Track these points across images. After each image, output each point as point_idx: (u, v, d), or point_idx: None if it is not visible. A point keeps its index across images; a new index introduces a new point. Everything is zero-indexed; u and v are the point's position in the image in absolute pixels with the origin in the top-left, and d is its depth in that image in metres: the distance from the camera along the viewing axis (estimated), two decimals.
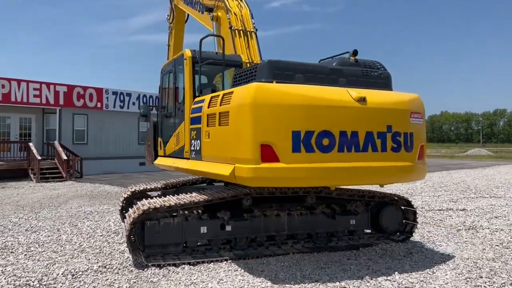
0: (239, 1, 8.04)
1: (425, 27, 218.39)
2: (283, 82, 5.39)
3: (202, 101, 6.30)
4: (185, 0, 9.36)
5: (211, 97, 6.01)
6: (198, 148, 6.27)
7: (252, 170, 5.00)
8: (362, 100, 5.40)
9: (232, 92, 5.50)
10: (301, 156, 5.08)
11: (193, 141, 6.51)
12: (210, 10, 8.18)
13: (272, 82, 5.33)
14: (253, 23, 7.80)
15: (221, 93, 5.86)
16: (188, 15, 9.88)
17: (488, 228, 8.14)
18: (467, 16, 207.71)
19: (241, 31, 7.61)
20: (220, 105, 5.62)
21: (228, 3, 7.87)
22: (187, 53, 7.00)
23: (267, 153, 5.00)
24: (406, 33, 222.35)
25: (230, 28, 7.62)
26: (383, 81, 6.14)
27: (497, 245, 6.84)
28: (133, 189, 8.04)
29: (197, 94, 6.74)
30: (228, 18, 7.72)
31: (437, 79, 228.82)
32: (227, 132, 5.42)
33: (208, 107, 5.99)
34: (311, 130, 5.12)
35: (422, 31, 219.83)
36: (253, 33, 7.71)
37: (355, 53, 6.22)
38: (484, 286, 4.94)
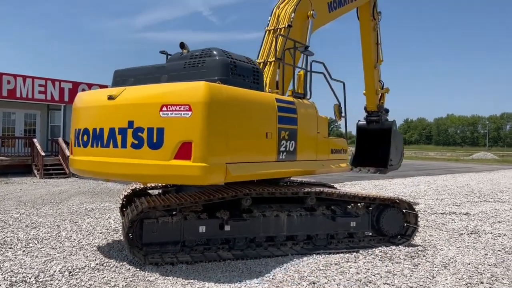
0: None
1: (433, 27, 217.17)
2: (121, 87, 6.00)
3: None
4: None
5: None
6: None
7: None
8: (111, 98, 5.60)
9: None
10: (75, 150, 6.19)
11: None
12: None
13: (115, 88, 6.01)
14: (291, 18, 7.38)
15: None
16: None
17: (491, 233, 8.05)
18: (475, 18, 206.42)
19: (271, 31, 7.50)
20: None
21: (278, 4, 7.77)
22: None
23: (71, 147, 6.36)
24: (414, 33, 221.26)
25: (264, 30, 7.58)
26: (205, 71, 5.76)
27: (500, 251, 6.76)
28: (133, 187, 8.02)
29: None
30: (268, 21, 7.65)
31: (444, 81, 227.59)
32: None
33: None
34: (79, 128, 6.10)
35: (429, 31, 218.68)
36: (283, 29, 7.36)
37: (180, 46, 6.15)
38: None
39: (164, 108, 5.14)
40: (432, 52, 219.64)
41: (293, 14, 7.40)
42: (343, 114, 7.67)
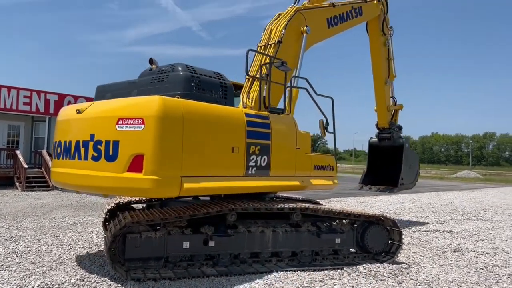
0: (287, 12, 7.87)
1: (419, 43, 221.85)
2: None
3: None
4: None
5: None
6: None
7: None
8: (79, 112, 5.80)
9: None
10: (53, 162, 6.39)
11: None
12: None
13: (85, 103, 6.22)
14: (282, 34, 7.43)
15: None
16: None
17: (474, 251, 8.11)
18: (461, 37, 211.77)
19: (262, 47, 7.53)
20: None
21: (271, 20, 7.83)
22: None
23: (52, 160, 6.55)
24: (399, 49, 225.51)
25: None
26: (168, 85, 5.93)
27: (482, 269, 6.81)
28: (117, 201, 7.91)
29: None
30: (261, 37, 7.70)
31: (429, 99, 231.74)
32: None
33: None
34: (55, 141, 6.26)
35: (415, 47, 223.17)
36: (273, 45, 7.43)
37: (150, 61, 6.41)
38: None
39: (120, 122, 5.25)
40: (416, 71, 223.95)
41: (283, 30, 7.45)
42: (330, 130, 7.60)
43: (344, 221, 6.89)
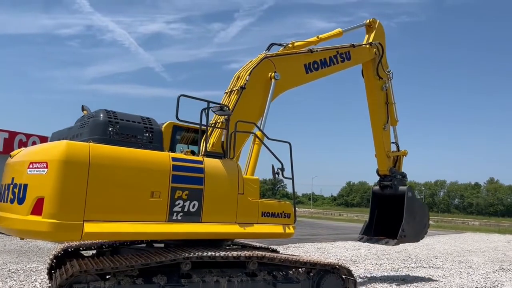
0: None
1: None
2: None
3: None
4: None
5: None
6: None
7: None
8: (11, 157, 6.09)
9: None
10: None
11: None
12: None
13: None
14: (246, 81, 7.50)
15: None
16: None
17: None
18: (415, 86, 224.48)
19: (229, 92, 7.60)
20: None
21: (241, 67, 7.98)
22: None
23: None
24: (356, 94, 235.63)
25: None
26: (88, 130, 6.14)
27: None
28: (65, 247, 7.51)
29: None
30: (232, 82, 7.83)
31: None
32: None
33: None
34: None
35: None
36: (237, 90, 7.49)
37: (81, 108, 6.82)
38: None
39: (31, 166, 5.39)
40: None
41: (248, 76, 7.57)
42: (288, 175, 7.38)
43: (300, 269, 6.85)
